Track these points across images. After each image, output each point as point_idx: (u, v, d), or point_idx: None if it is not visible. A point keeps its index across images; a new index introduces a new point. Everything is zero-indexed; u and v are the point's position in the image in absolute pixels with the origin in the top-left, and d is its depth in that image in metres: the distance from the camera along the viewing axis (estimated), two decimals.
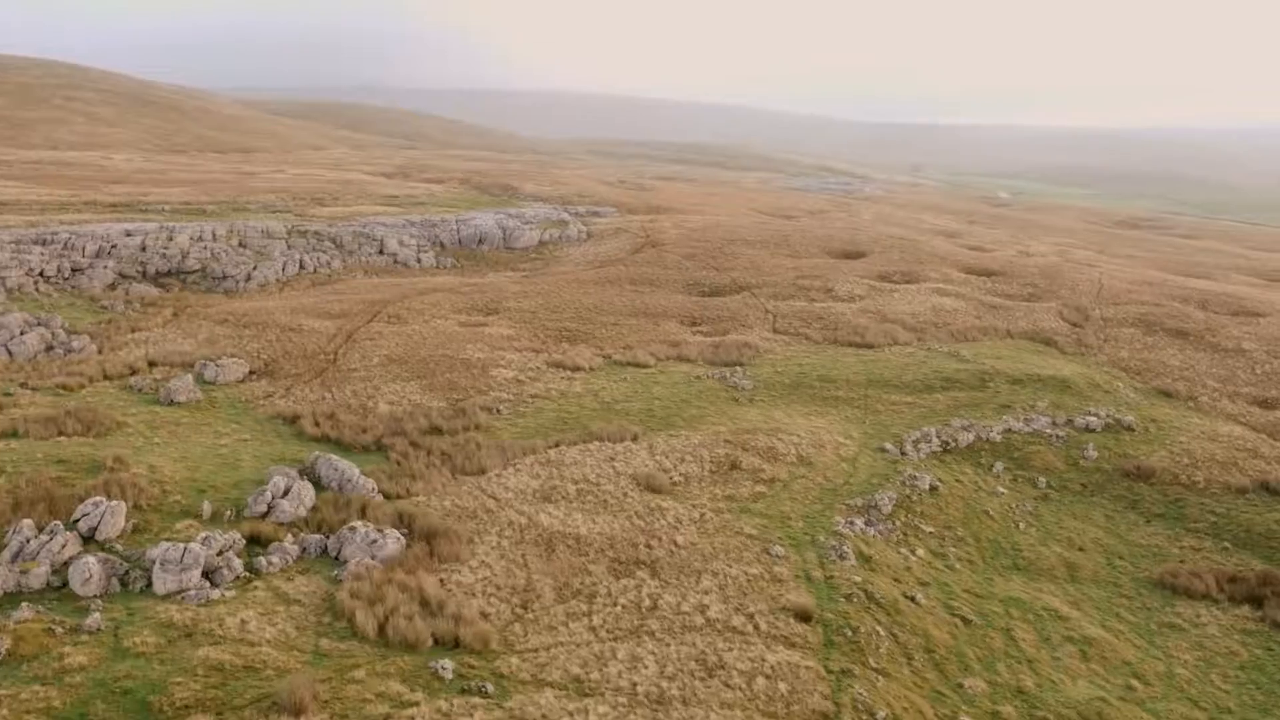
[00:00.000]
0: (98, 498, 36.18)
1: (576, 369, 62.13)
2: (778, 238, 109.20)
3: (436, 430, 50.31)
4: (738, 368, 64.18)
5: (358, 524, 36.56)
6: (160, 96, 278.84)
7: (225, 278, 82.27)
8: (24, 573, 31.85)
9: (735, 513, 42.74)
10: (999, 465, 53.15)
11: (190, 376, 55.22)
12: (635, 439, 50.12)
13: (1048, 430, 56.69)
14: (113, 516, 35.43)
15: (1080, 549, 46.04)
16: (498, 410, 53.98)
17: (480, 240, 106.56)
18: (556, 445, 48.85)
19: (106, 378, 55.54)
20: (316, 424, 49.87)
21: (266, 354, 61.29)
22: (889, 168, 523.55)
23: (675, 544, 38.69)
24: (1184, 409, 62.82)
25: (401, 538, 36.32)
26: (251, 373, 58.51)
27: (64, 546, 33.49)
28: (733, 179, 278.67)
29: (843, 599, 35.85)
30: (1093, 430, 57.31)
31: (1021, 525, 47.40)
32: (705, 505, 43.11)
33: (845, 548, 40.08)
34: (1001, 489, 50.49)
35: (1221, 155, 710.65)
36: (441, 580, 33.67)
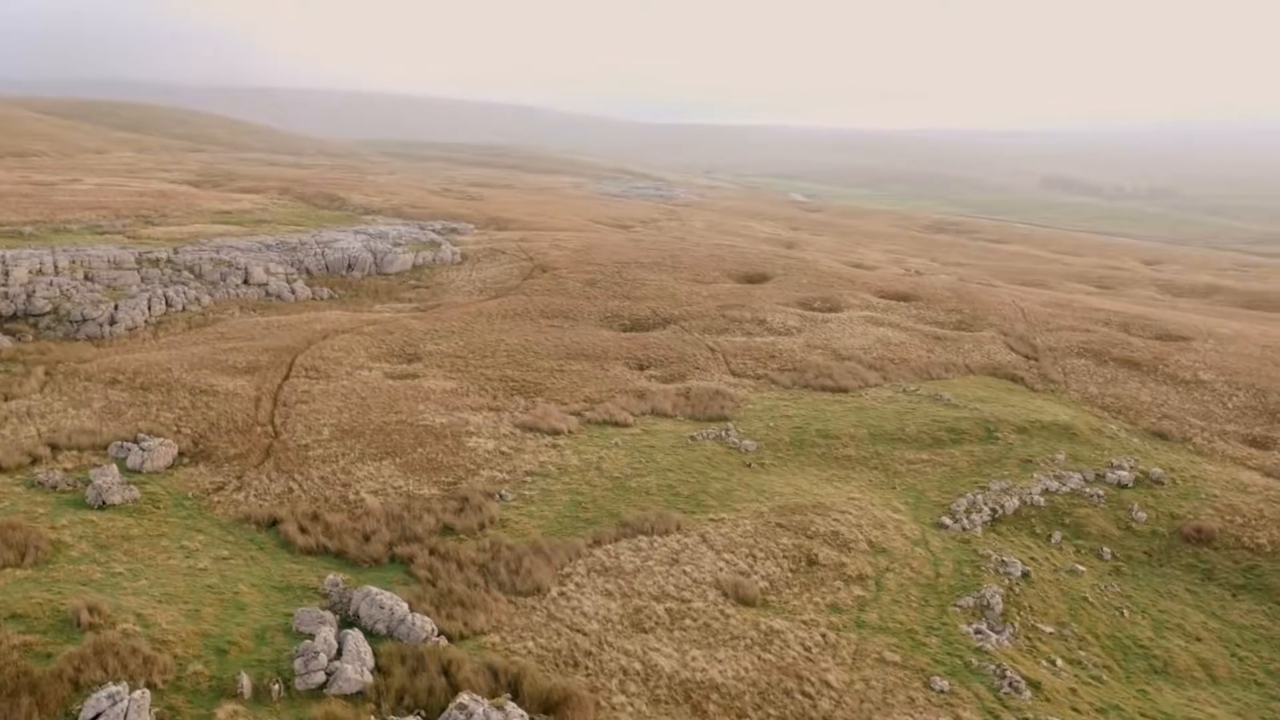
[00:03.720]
0: (112, 688, 26.74)
1: (555, 432, 54.25)
2: (669, 259, 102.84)
3: (449, 530, 41.84)
4: (726, 423, 57.56)
5: (467, 700, 28.14)
6: None
7: (85, 321, 70.29)
8: None
9: (855, 629, 36.30)
10: (1057, 535, 48.37)
11: (114, 466, 44.85)
12: (679, 528, 42.99)
13: (1086, 490, 52.33)
14: (138, 714, 26.15)
15: (1198, 639, 41.54)
16: (500, 495, 45.75)
17: (350, 265, 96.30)
18: (597, 543, 41.30)
19: (3, 470, 44.50)
20: (303, 530, 40.65)
21: (190, 428, 51.04)
22: (682, 169, 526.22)
23: (829, 686, 31.99)
24: (1188, 453, 59.77)
25: (524, 714, 28.17)
26: (182, 454, 48.30)
27: None
28: (549, 185, 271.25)
29: None
30: (1125, 486, 53.28)
31: (1125, 613, 42.55)
32: (818, 622, 36.51)
33: (1005, 671, 34.39)
34: (1080, 566, 45.59)
35: (985, 156, 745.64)
36: None
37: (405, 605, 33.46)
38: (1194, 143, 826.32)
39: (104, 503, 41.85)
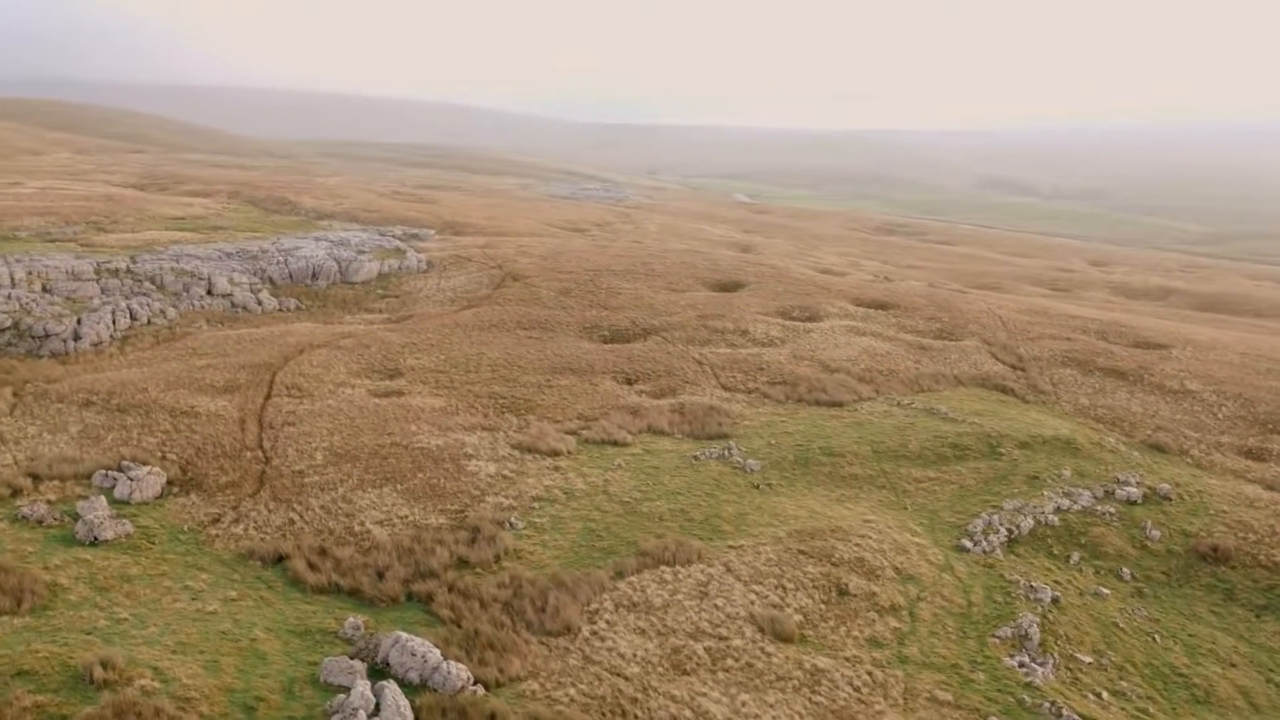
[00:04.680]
0: None
1: (554, 454, 52.53)
2: (640, 267, 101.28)
3: (464, 564, 40.01)
4: (727, 442, 56.14)
5: None
6: None
7: (48, 336, 67.30)
8: None
9: (899, 665, 35.13)
10: (1075, 555, 47.46)
11: (102, 498, 42.44)
12: (701, 557, 41.53)
13: (1098, 508, 51.51)
14: None
15: (1232, 664, 40.80)
16: (510, 523, 43.96)
17: (314, 274, 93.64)
18: (620, 575, 39.74)
19: None
20: (312, 566, 38.60)
21: (175, 453, 48.63)
22: (625, 169, 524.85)
23: None
24: (1187, 466, 59.37)
25: None
26: (170, 483, 45.92)
27: None
28: (498, 187, 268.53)
29: None
30: (1134, 502, 52.56)
31: (1157, 638, 41.71)
32: (861, 658, 35.23)
33: (1061, 710, 33.73)
34: (1104, 589, 44.71)
35: (921, 156, 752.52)
36: None
37: (438, 652, 31.62)
38: (1123, 144, 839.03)
39: (96, 539, 39.53)
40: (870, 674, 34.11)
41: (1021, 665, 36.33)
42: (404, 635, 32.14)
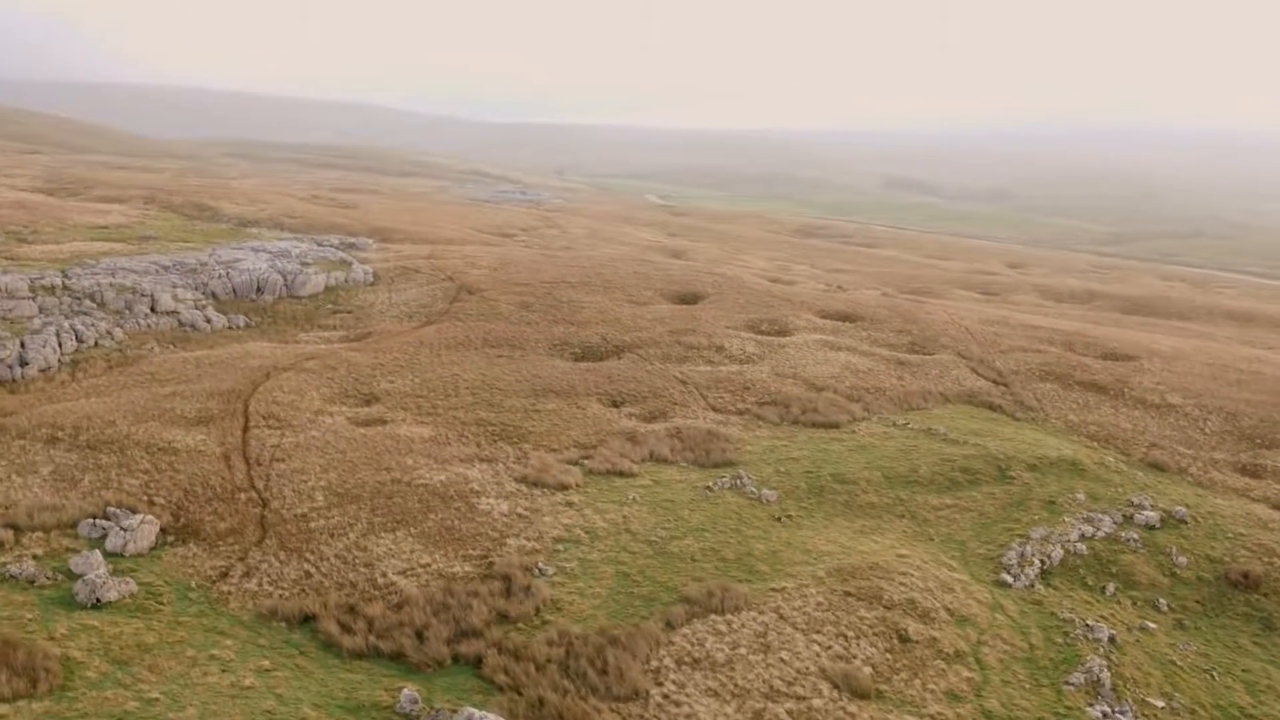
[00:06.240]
0: None
1: (563, 487, 49.83)
2: (595, 278, 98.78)
3: (505, 618, 37.29)
4: (736, 470, 53.97)
5: None
6: None
7: None
8: None
9: None
10: (1110, 587, 46.24)
11: (97, 553, 38.78)
12: (749, 604, 39.39)
13: (1121, 534, 50.45)
14: None
15: None
16: (539, 569, 41.26)
17: (259, 288, 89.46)
18: (671, 626, 37.56)
19: None
20: (345, 628, 35.56)
21: (163, 497, 44.95)
22: (531, 169, 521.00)
23: None
24: (1189, 485, 58.86)
25: None
26: (164, 531, 42.33)
27: None
28: (416, 189, 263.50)
29: None
30: (1153, 527, 51.60)
31: (1215, 675, 40.64)
32: (944, 715, 33.76)
33: None
34: (1150, 623, 43.54)
35: (824, 157, 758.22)
36: None
37: None
38: (1023, 145, 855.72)
39: (99, 600, 35.98)
40: None
41: (1105, 716, 34.80)
42: (476, 712, 29.41)
